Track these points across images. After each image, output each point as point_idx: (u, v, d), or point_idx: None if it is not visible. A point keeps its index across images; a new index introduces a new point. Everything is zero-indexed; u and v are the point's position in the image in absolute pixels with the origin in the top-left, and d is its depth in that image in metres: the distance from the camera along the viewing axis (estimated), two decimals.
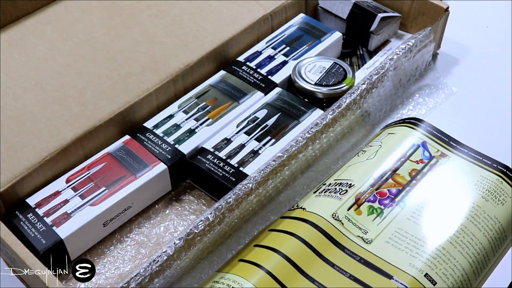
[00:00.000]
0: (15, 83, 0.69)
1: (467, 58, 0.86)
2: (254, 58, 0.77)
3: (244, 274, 0.54)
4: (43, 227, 0.60)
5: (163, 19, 0.77)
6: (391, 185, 0.61)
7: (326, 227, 0.58)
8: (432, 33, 0.77)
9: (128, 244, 0.64)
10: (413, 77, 0.80)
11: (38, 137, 0.65)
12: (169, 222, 0.66)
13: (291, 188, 0.67)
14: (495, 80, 0.83)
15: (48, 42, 0.74)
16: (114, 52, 0.73)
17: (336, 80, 0.73)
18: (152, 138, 0.68)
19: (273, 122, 0.70)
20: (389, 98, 0.76)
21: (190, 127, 0.69)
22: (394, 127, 0.69)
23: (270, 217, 0.65)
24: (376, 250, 0.56)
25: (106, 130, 0.68)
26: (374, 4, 0.84)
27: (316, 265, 0.55)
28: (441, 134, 0.67)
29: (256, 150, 0.67)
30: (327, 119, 0.67)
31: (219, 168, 0.65)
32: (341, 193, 0.61)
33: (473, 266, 0.57)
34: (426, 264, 0.55)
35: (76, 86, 0.70)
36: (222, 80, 0.75)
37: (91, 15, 0.77)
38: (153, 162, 0.66)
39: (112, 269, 0.62)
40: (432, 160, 0.64)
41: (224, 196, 0.60)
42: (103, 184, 0.64)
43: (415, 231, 0.58)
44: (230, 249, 0.62)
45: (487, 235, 0.59)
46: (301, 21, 0.83)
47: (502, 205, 0.61)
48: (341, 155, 0.71)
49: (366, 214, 0.59)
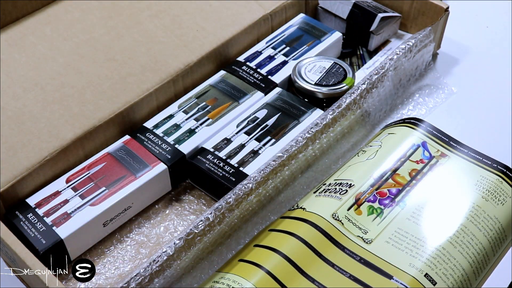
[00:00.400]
0: (15, 83, 0.69)
1: (467, 58, 0.86)
2: (254, 58, 0.77)
3: (244, 274, 0.54)
4: (43, 227, 0.60)
5: (163, 19, 0.77)
6: (391, 185, 0.61)
7: (326, 227, 0.58)
8: (432, 33, 0.77)
9: (128, 244, 0.64)
10: (413, 77, 0.80)
11: (38, 137, 0.65)
12: (169, 222, 0.66)
13: (291, 188, 0.67)
14: (495, 80, 0.83)
15: (48, 42, 0.74)
16: (114, 52, 0.73)
17: (336, 80, 0.73)
18: (152, 138, 0.68)
19: (273, 122, 0.70)
20: (389, 98, 0.76)
21: (190, 127, 0.69)
22: (394, 127, 0.69)
23: (270, 217, 0.65)
24: (376, 250, 0.56)
25: (106, 130, 0.68)
26: (374, 4, 0.84)
27: (316, 265, 0.55)
28: (441, 134, 0.67)
29: (256, 150, 0.67)
30: (327, 119, 0.67)
31: (219, 168, 0.65)
32: (341, 193, 0.61)
33: (473, 266, 0.57)
34: (426, 264, 0.55)
35: (76, 86, 0.70)
36: (222, 80, 0.75)
37: (91, 15, 0.77)
38: (153, 162, 0.66)
39: (112, 269, 0.62)
40: (432, 160, 0.64)
41: (224, 196, 0.60)
42: (103, 184, 0.64)
43: (415, 231, 0.58)
44: (230, 249, 0.62)
45: (487, 235, 0.59)
46: (301, 21, 0.83)
47: (502, 205, 0.61)
48: (341, 155, 0.71)
49: (366, 214, 0.59)
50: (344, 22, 0.85)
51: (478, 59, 0.87)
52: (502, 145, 0.74)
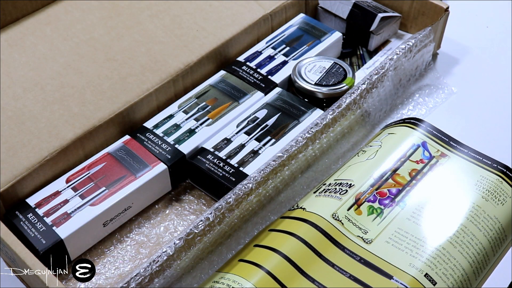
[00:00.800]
0: (15, 83, 0.69)
1: (467, 58, 0.86)
2: (254, 58, 0.77)
3: (244, 274, 0.54)
4: (43, 227, 0.60)
5: (163, 19, 0.77)
6: (391, 185, 0.61)
7: (326, 227, 0.58)
8: (432, 33, 0.77)
9: (128, 244, 0.64)
10: (413, 77, 0.80)
11: (38, 137, 0.65)
12: (169, 222, 0.66)
13: (291, 188, 0.67)
14: (495, 80, 0.83)
15: (48, 42, 0.74)
16: (114, 52, 0.73)
17: (336, 80, 0.73)
18: (152, 138, 0.68)
19: (273, 122, 0.70)
20: (389, 98, 0.76)
21: (190, 127, 0.69)
22: (394, 127, 0.69)
23: (270, 217, 0.65)
24: (376, 250, 0.56)
25: (106, 130, 0.68)
26: (374, 4, 0.84)
27: (316, 265, 0.55)
28: (441, 134, 0.67)
29: (256, 150, 0.67)
30: (327, 119, 0.67)
31: (219, 168, 0.65)
32: (341, 193, 0.61)
33: (473, 266, 0.57)
34: (426, 264, 0.55)
35: (76, 86, 0.70)
36: (222, 80, 0.75)
37: (91, 15, 0.77)
38: (153, 162, 0.66)
39: (112, 269, 0.62)
40: (432, 160, 0.64)
41: (224, 196, 0.60)
42: (103, 184, 0.64)
43: (415, 231, 0.58)
44: (230, 249, 0.62)
45: (487, 235, 0.59)
46: (301, 21, 0.83)
47: (502, 205, 0.61)
48: (341, 155, 0.71)
49: (366, 214, 0.59)
50: (344, 22, 0.85)
51: (478, 59, 0.87)
52: (502, 145, 0.74)
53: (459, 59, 0.86)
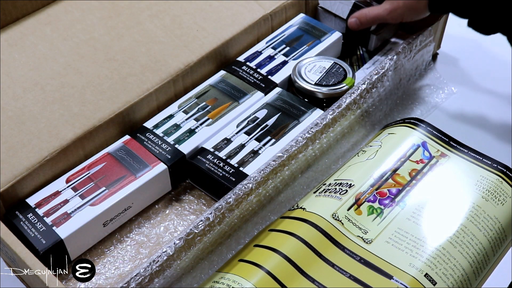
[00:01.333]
0: (15, 83, 0.69)
1: (467, 58, 0.86)
2: (254, 58, 0.77)
3: (244, 274, 0.54)
4: (43, 227, 0.60)
5: (163, 19, 0.77)
6: (391, 185, 0.61)
7: (326, 227, 0.58)
8: (432, 33, 0.77)
9: (128, 244, 0.64)
10: (413, 77, 0.80)
11: (38, 137, 0.65)
12: (169, 222, 0.66)
13: (291, 188, 0.67)
14: (495, 80, 0.83)
15: (48, 42, 0.74)
16: (114, 52, 0.73)
17: (336, 80, 0.73)
18: (152, 138, 0.68)
19: (273, 122, 0.70)
20: (389, 98, 0.76)
21: (190, 127, 0.69)
22: (394, 127, 0.69)
23: (270, 217, 0.65)
24: (376, 250, 0.56)
25: (106, 130, 0.68)
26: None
27: (316, 265, 0.55)
28: (441, 134, 0.67)
29: (256, 150, 0.67)
30: (327, 119, 0.67)
31: (219, 168, 0.65)
32: (341, 193, 0.61)
33: (473, 266, 0.57)
34: (426, 264, 0.55)
35: (76, 86, 0.70)
36: (222, 80, 0.75)
37: (91, 15, 0.77)
38: (153, 162, 0.66)
39: (112, 269, 0.62)
40: (432, 160, 0.64)
41: (224, 196, 0.60)
42: (103, 184, 0.64)
43: (415, 231, 0.58)
44: (230, 249, 0.62)
45: (487, 235, 0.59)
46: (301, 21, 0.83)
47: (502, 205, 0.61)
48: (341, 155, 0.71)
49: (366, 214, 0.59)
50: (344, 22, 0.84)
51: (478, 59, 0.87)
52: (502, 145, 0.74)
53: (459, 59, 0.86)
